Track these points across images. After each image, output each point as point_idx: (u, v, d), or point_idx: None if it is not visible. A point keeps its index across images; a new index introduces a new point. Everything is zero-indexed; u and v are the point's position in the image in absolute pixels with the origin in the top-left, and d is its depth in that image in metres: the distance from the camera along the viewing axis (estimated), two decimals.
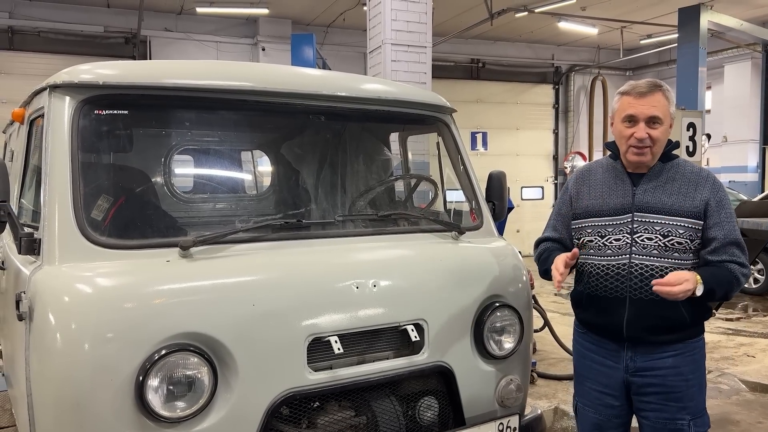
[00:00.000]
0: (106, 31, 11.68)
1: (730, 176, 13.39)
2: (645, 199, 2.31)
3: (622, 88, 2.36)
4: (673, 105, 2.35)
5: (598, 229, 2.39)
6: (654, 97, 2.27)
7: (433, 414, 2.60)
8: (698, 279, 2.16)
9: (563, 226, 2.55)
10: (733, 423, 4.37)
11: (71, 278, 2.07)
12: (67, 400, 1.96)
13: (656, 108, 2.27)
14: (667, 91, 2.31)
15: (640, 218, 2.30)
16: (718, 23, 10.60)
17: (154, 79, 2.47)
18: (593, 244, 2.40)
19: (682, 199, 2.28)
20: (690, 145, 7.55)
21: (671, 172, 2.34)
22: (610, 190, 2.40)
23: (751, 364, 5.64)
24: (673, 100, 2.34)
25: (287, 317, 2.24)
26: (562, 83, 15.84)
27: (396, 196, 3.52)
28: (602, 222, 2.38)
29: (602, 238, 2.37)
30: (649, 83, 2.31)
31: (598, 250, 2.38)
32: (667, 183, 2.32)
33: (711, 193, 2.28)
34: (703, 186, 2.29)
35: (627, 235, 2.31)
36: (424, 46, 6.77)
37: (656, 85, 2.30)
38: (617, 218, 2.35)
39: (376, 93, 2.92)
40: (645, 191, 2.32)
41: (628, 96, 2.31)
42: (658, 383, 2.31)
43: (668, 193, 2.30)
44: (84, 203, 2.24)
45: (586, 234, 2.42)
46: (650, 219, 2.29)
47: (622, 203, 2.35)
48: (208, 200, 3.92)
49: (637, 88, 2.30)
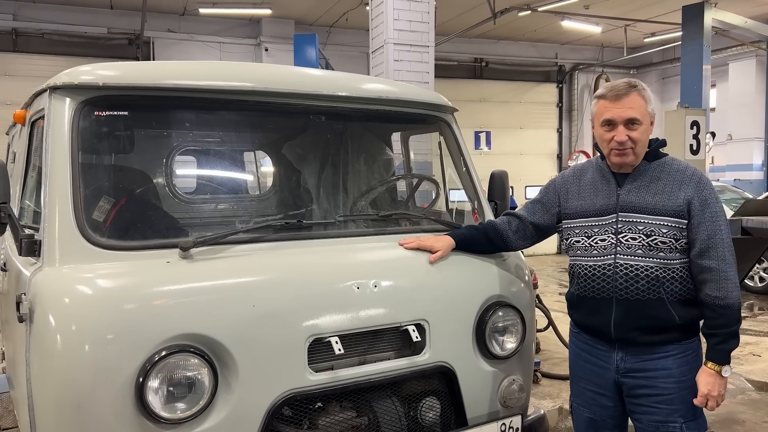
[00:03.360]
0: (109, 33, 11.72)
1: (735, 174, 13.35)
2: (629, 198, 2.30)
3: (598, 92, 2.35)
4: (651, 103, 2.31)
5: (585, 229, 2.39)
6: (630, 99, 2.25)
7: (434, 414, 2.59)
8: (716, 368, 2.19)
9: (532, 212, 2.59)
10: (739, 422, 4.35)
11: (71, 280, 2.07)
12: (68, 402, 1.96)
13: (633, 109, 2.24)
14: (642, 90, 2.28)
15: (625, 218, 2.29)
16: (722, 21, 10.56)
17: (155, 80, 2.47)
18: (580, 244, 2.40)
19: (666, 198, 2.25)
20: (694, 143, 7.52)
21: (656, 171, 2.32)
22: (596, 191, 2.39)
23: (757, 363, 5.61)
24: (650, 99, 2.31)
25: (288, 318, 2.23)
26: (565, 82, 15.82)
27: (398, 196, 3.51)
28: (589, 222, 2.38)
29: (589, 238, 2.37)
30: (625, 84, 2.28)
31: (585, 251, 2.38)
32: (651, 182, 2.30)
33: (695, 191, 2.24)
34: (687, 185, 2.25)
35: (612, 236, 2.30)
36: (427, 45, 6.77)
37: (631, 86, 2.27)
38: (602, 219, 2.34)
39: (376, 93, 2.91)
40: (629, 191, 2.31)
41: (604, 99, 2.29)
42: (649, 385, 2.29)
43: (652, 193, 2.28)
44: (84, 204, 2.24)
45: (574, 234, 2.42)
46: (634, 219, 2.27)
47: (607, 204, 2.34)
48: (209, 201, 3.92)
49: (612, 90, 2.28)
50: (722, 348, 2.21)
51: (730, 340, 2.21)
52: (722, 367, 2.19)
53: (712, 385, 2.19)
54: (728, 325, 2.20)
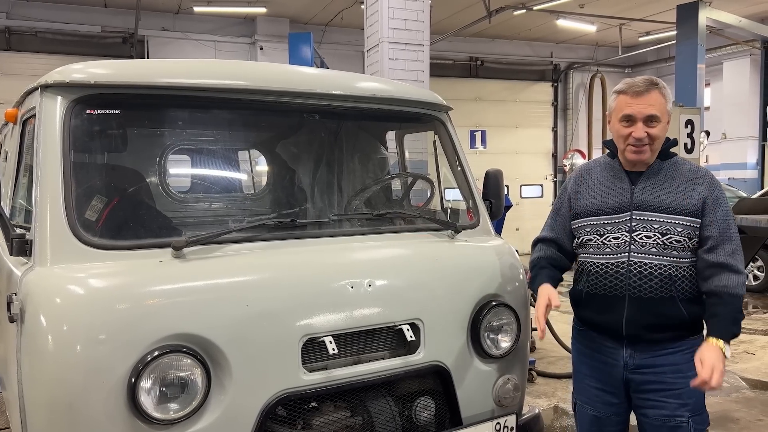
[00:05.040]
0: (103, 31, 11.65)
1: (730, 173, 13.38)
2: (643, 197, 2.30)
3: (618, 87, 2.34)
4: (671, 102, 2.33)
5: (597, 227, 2.38)
6: (651, 96, 2.25)
7: (429, 414, 2.58)
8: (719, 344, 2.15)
9: (560, 226, 2.54)
10: (733, 420, 4.36)
11: (63, 279, 2.05)
12: (59, 402, 1.95)
13: (654, 107, 2.25)
14: (663, 88, 2.29)
15: (639, 216, 2.29)
16: (716, 20, 10.56)
17: (147, 79, 2.45)
18: (592, 242, 2.39)
19: (681, 198, 2.26)
20: (688, 142, 7.53)
21: (669, 170, 2.33)
22: (608, 189, 2.39)
23: (751, 361, 5.63)
24: (669, 97, 2.32)
25: (281, 318, 2.22)
26: (561, 81, 15.82)
27: (392, 195, 3.50)
28: (601, 221, 2.37)
29: (601, 236, 2.36)
30: (646, 81, 2.28)
31: (597, 249, 2.37)
32: (665, 181, 2.30)
33: (708, 191, 2.26)
34: (701, 184, 2.28)
35: (626, 234, 2.30)
36: (422, 44, 6.75)
37: (653, 83, 2.27)
38: (616, 217, 2.33)
39: (370, 91, 2.90)
40: (643, 189, 2.31)
41: (624, 95, 2.29)
42: (658, 380, 2.30)
43: (666, 192, 2.28)
44: (76, 204, 2.22)
45: (585, 233, 2.41)
46: (649, 217, 2.27)
47: (620, 201, 2.34)
48: (203, 200, 3.90)
49: (633, 86, 2.27)
50: (726, 327, 2.19)
51: (735, 323, 2.21)
52: (724, 345, 2.16)
53: (716, 359, 2.12)
54: (733, 312, 2.21)
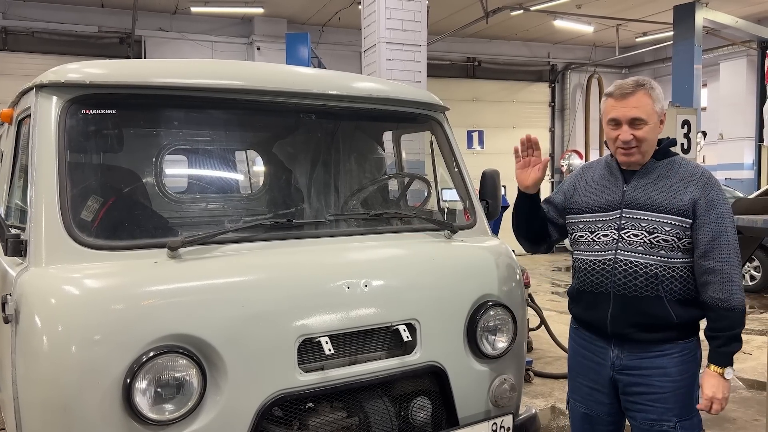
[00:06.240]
0: (100, 31, 11.64)
1: (726, 173, 13.40)
2: (634, 195, 2.30)
3: (607, 90, 2.35)
4: (659, 101, 2.29)
5: (588, 224, 2.40)
6: (635, 98, 2.24)
7: (425, 414, 2.58)
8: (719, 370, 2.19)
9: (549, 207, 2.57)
10: (729, 420, 4.36)
11: (58, 280, 2.05)
12: (54, 403, 1.94)
13: (637, 109, 2.23)
14: (651, 89, 2.26)
15: (628, 214, 2.29)
16: (713, 21, 10.58)
17: (143, 79, 2.44)
18: (583, 239, 2.41)
19: (671, 197, 2.25)
20: (685, 142, 7.54)
21: (664, 169, 2.32)
22: (603, 187, 2.40)
23: (747, 361, 5.63)
24: (659, 97, 2.29)
25: (277, 318, 2.22)
26: (558, 81, 15.84)
27: (389, 195, 3.50)
28: (592, 218, 2.39)
29: (592, 233, 2.38)
30: (633, 83, 2.26)
31: (587, 246, 2.39)
32: (658, 180, 2.30)
33: (702, 192, 2.22)
34: (695, 185, 2.24)
35: (614, 231, 2.31)
36: (419, 44, 6.75)
37: (639, 85, 2.25)
38: (606, 214, 2.35)
39: (367, 91, 2.90)
40: (635, 188, 2.31)
41: (611, 98, 2.30)
42: (644, 383, 2.29)
43: (658, 190, 2.28)
44: (71, 204, 2.22)
45: (578, 229, 2.44)
46: (637, 215, 2.27)
47: (612, 199, 2.35)
48: (199, 200, 3.89)
49: (619, 89, 2.27)
50: (724, 351, 2.20)
51: (732, 343, 2.21)
52: (725, 369, 2.19)
53: (716, 388, 2.17)
54: (731, 328, 2.20)
